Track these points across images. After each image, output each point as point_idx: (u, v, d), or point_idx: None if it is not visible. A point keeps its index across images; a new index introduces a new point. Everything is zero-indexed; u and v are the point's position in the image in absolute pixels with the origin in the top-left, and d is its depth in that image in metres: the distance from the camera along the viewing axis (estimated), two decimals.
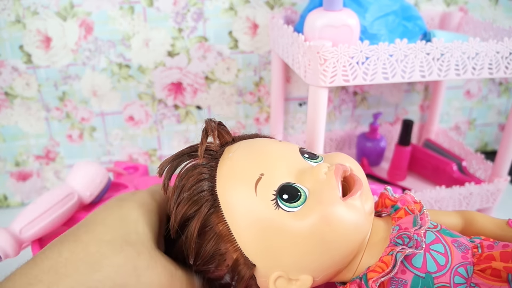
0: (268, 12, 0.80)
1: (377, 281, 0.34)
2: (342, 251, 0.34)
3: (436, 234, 0.36)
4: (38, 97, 0.80)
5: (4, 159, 0.84)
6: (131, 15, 0.76)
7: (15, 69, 0.77)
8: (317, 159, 0.39)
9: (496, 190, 0.74)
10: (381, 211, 0.42)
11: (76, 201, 0.53)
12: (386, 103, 0.96)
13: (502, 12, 0.89)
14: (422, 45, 0.55)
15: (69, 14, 0.74)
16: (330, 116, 0.94)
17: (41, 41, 0.75)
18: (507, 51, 0.58)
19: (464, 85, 0.96)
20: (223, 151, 0.39)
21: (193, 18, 0.78)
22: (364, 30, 0.61)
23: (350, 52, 0.53)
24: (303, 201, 0.34)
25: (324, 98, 0.57)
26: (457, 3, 0.87)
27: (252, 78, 0.86)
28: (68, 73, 0.79)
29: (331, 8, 0.55)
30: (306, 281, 0.35)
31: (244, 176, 0.36)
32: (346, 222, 0.33)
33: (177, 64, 0.82)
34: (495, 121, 1.02)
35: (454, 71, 0.58)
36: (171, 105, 0.85)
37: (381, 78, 0.56)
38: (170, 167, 0.38)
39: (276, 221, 0.34)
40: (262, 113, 0.91)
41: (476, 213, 0.42)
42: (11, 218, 0.50)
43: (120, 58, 0.79)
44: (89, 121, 0.84)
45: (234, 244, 0.35)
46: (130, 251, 0.33)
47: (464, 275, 0.34)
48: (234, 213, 0.35)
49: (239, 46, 0.82)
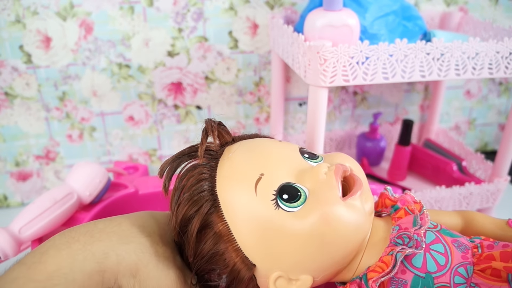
0: (268, 12, 0.80)
1: (377, 281, 0.34)
2: (342, 251, 0.34)
3: (436, 234, 0.36)
4: (38, 97, 0.80)
5: (4, 159, 0.84)
6: (131, 15, 0.76)
7: (15, 69, 0.77)
8: (317, 159, 0.39)
9: (496, 190, 0.74)
10: (381, 211, 0.42)
11: (75, 201, 0.53)
12: (386, 103, 0.96)
13: (502, 12, 0.89)
14: (422, 45, 0.55)
15: (69, 14, 0.74)
16: (330, 116, 0.94)
17: (41, 41, 0.75)
18: (507, 51, 0.58)
19: (464, 85, 0.96)
20: (223, 151, 0.39)
21: (193, 18, 0.78)
22: (364, 30, 0.61)
23: (350, 52, 0.53)
24: (303, 201, 0.34)
25: (324, 98, 0.57)
26: (457, 3, 0.87)
27: (252, 78, 0.86)
28: (68, 73, 0.79)
29: (331, 8, 0.55)
30: (306, 281, 0.35)
31: (244, 176, 0.36)
32: (346, 222, 0.33)
33: (177, 64, 0.82)
34: (495, 121, 1.02)
35: (454, 71, 0.58)
36: (171, 105, 0.85)
37: (381, 78, 0.56)
38: (170, 167, 0.38)
39: (276, 221, 0.34)
40: (262, 113, 0.91)
41: (476, 213, 0.42)
42: (11, 218, 0.49)
43: (120, 58, 0.79)
44: (89, 121, 0.84)
45: (234, 244, 0.35)
46: (155, 239, 0.37)
47: (464, 275, 0.34)
48: (234, 213, 0.35)
49: (239, 46, 0.82)
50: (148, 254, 0.36)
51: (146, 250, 0.36)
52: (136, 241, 0.36)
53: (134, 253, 0.35)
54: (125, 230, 0.36)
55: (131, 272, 0.34)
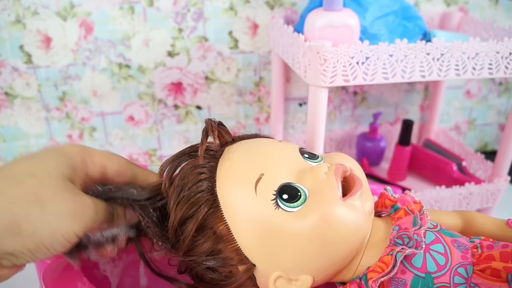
0: (268, 12, 0.80)
1: (377, 281, 0.34)
2: (342, 251, 0.34)
3: (436, 234, 0.36)
4: (38, 97, 0.80)
5: (4, 159, 0.84)
6: (131, 15, 0.76)
7: (15, 69, 0.77)
8: (317, 159, 0.39)
9: (496, 190, 0.74)
10: (381, 211, 0.42)
11: None
12: (386, 103, 0.96)
13: (502, 12, 0.89)
14: (422, 45, 0.55)
15: (69, 14, 0.74)
16: (330, 116, 0.94)
17: (41, 41, 0.75)
18: (507, 51, 0.58)
19: (464, 85, 0.96)
20: (223, 151, 0.39)
21: (193, 18, 0.78)
22: (364, 30, 0.61)
23: (350, 52, 0.53)
24: (303, 201, 0.34)
25: (324, 98, 0.57)
26: (457, 3, 0.87)
27: (252, 78, 0.86)
28: (68, 73, 0.79)
29: (331, 8, 0.55)
30: (306, 281, 0.35)
31: (244, 176, 0.36)
32: (346, 222, 0.33)
33: (177, 64, 0.82)
34: (495, 121, 1.02)
35: (454, 71, 0.58)
36: (171, 105, 0.85)
37: (381, 78, 0.56)
38: (170, 167, 0.38)
39: (276, 221, 0.34)
40: (262, 113, 0.91)
41: (475, 213, 0.42)
42: None
43: (120, 58, 0.79)
44: (89, 121, 0.84)
45: (234, 244, 0.35)
46: (31, 182, 0.32)
47: (464, 275, 0.34)
48: (234, 213, 0.35)
49: (239, 46, 0.82)
50: (25, 203, 0.30)
51: (20, 200, 0.30)
52: (5, 195, 0.30)
53: (5, 210, 0.30)
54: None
55: (11, 232, 0.30)
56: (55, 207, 0.32)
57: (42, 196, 0.31)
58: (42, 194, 0.31)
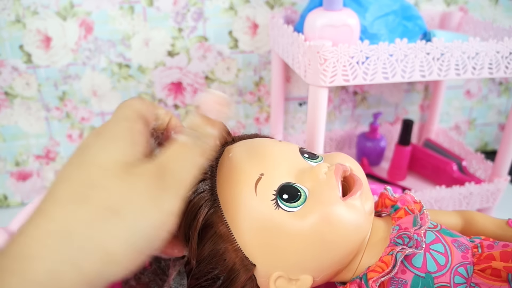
0: (268, 12, 0.80)
1: (377, 281, 0.34)
2: (342, 251, 0.34)
3: (436, 234, 0.36)
4: (38, 97, 0.80)
5: (4, 159, 0.84)
6: (131, 15, 0.76)
7: (15, 69, 0.77)
8: (317, 159, 0.39)
9: (496, 190, 0.74)
10: (381, 211, 0.42)
11: None
12: (386, 103, 0.95)
13: (502, 12, 0.89)
14: (422, 45, 0.55)
15: (69, 14, 0.74)
16: (330, 116, 0.94)
17: (41, 41, 0.75)
18: (507, 51, 0.58)
19: (464, 85, 0.96)
20: (223, 151, 0.39)
21: (193, 18, 0.78)
22: (364, 29, 0.61)
23: (350, 52, 0.53)
24: (303, 201, 0.34)
25: (324, 98, 0.57)
26: (457, 3, 0.87)
27: (252, 78, 0.86)
28: (68, 73, 0.79)
29: (331, 8, 0.55)
30: (306, 281, 0.35)
31: (244, 176, 0.36)
32: (346, 222, 0.33)
33: (177, 64, 0.82)
34: (495, 121, 1.02)
35: (454, 71, 0.58)
36: (171, 105, 0.85)
37: (381, 78, 0.56)
38: None
39: (276, 221, 0.34)
40: (262, 113, 0.91)
41: (476, 213, 0.42)
42: (11, 218, 0.49)
43: (120, 58, 0.79)
44: (89, 121, 0.84)
45: (234, 244, 0.35)
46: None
47: (464, 275, 0.34)
48: (234, 213, 0.35)
49: (239, 46, 0.82)
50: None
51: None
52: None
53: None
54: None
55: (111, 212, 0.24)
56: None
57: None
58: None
